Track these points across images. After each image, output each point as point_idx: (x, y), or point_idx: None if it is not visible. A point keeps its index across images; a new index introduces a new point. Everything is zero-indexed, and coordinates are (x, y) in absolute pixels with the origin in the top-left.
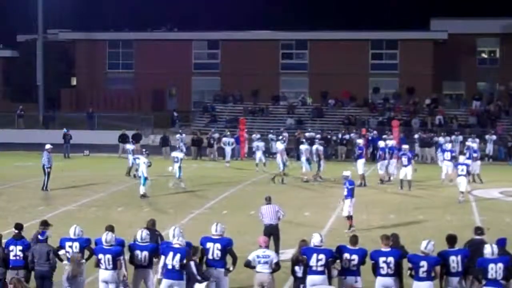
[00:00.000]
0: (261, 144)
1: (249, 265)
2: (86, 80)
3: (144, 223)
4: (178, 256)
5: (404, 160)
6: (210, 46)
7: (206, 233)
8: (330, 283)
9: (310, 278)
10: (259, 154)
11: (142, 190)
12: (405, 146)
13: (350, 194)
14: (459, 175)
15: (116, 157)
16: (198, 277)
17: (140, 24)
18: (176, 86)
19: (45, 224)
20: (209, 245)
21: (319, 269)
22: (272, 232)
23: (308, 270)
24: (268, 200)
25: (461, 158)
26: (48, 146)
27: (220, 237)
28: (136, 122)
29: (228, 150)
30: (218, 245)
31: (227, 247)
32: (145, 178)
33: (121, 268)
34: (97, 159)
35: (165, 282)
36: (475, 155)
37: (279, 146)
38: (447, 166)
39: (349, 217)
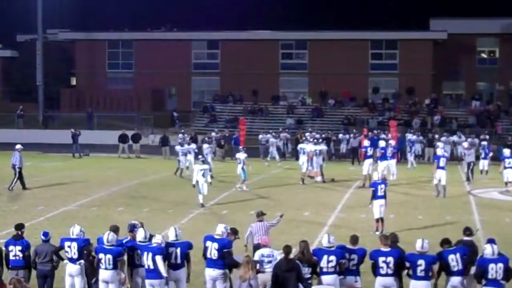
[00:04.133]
0: (180, 149)
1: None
2: (86, 80)
3: (143, 223)
4: (150, 255)
5: (442, 162)
6: (210, 46)
7: (206, 233)
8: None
9: (322, 279)
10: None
11: (202, 199)
12: (439, 149)
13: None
14: (506, 168)
15: (115, 157)
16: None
17: (140, 24)
18: (175, 86)
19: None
20: (209, 243)
21: (330, 270)
22: None
23: (319, 271)
24: (260, 216)
25: (506, 152)
26: (18, 146)
27: (221, 238)
28: (135, 122)
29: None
30: (216, 245)
31: (223, 248)
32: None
33: (122, 268)
34: (97, 159)
35: (147, 282)
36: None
37: (307, 147)
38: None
39: (377, 220)
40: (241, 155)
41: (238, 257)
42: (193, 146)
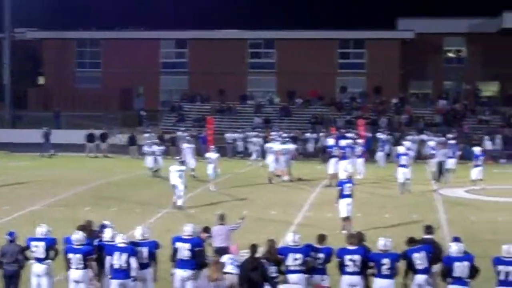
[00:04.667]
0: (157, 149)
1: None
2: (54, 79)
3: (112, 223)
4: (124, 255)
5: (404, 160)
6: (178, 45)
7: (174, 232)
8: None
9: (288, 278)
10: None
11: (179, 201)
12: (402, 147)
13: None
14: (476, 166)
15: (83, 156)
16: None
17: (108, 23)
18: (143, 85)
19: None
20: (179, 244)
21: (297, 268)
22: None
23: (286, 269)
24: (221, 219)
25: (478, 150)
26: None
27: (191, 237)
28: (103, 121)
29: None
30: (187, 245)
31: (195, 247)
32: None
33: (92, 268)
34: (64, 159)
35: (114, 282)
36: (433, 152)
37: (275, 146)
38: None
39: (343, 219)
40: (213, 155)
41: (207, 257)
42: (162, 147)
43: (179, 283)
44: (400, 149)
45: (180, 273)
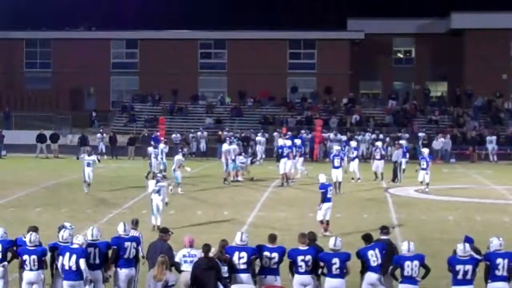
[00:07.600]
0: (92, 159)
1: (178, 267)
2: (3, 80)
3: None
4: (74, 256)
5: (337, 162)
6: (129, 45)
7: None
8: (255, 282)
9: (236, 277)
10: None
11: (154, 220)
12: (337, 147)
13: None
14: (422, 169)
15: (33, 157)
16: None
17: (57, 23)
18: (94, 85)
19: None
20: (127, 244)
21: (242, 267)
22: None
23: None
24: (134, 224)
25: (425, 152)
26: None
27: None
28: (54, 122)
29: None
30: (135, 244)
31: (139, 244)
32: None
33: (47, 268)
34: (15, 159)
35: (65, 283)
36: (383, 152)
37: (225, 146)
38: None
39: (321, 222)
40: (177, 157)
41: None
42: (94, 157)
43: (125, 283)
44: (335, 148)
45: (127, 272)
